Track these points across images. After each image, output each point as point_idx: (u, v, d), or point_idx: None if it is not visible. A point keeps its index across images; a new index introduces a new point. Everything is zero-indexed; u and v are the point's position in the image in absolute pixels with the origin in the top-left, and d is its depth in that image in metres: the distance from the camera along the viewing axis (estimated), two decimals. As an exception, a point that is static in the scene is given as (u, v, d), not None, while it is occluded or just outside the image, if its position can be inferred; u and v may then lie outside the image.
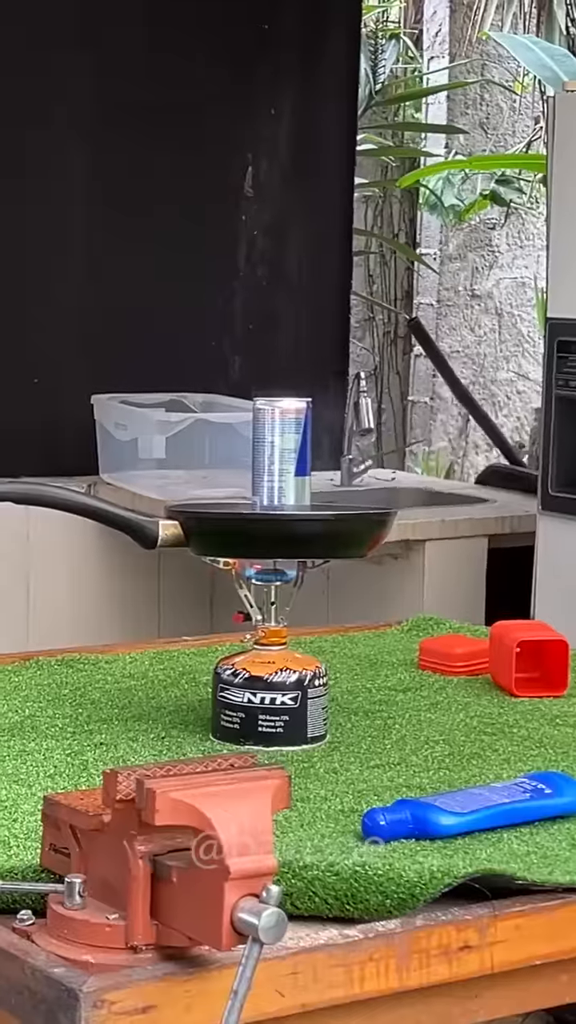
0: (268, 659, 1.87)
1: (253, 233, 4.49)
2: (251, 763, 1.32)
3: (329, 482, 4.14)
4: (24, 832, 1.53)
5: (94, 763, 1.76)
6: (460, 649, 2.23)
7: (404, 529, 3.58)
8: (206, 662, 2.17)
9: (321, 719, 1.87)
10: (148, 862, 1.27)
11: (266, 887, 1.20)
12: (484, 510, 3.89)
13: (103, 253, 4.24)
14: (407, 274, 7.64)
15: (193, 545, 1.89)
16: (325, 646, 2.35)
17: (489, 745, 1.86)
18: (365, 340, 7.39)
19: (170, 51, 4.29)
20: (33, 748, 1.82)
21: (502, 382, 7.63)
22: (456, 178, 7.27)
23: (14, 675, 2.17)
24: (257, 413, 1.94)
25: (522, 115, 7.72)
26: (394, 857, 1.44)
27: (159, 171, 4.30)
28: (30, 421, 4.14)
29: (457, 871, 1.40)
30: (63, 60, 4.14)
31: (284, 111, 4.52)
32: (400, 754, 1.82)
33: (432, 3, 7.80)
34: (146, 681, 2.15)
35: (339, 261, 4.72)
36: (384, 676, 2.19)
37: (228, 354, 4.46)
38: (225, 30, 4.39)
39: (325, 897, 1.38)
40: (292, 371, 4.45)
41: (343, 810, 1.59)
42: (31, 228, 4.14)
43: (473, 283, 7.65)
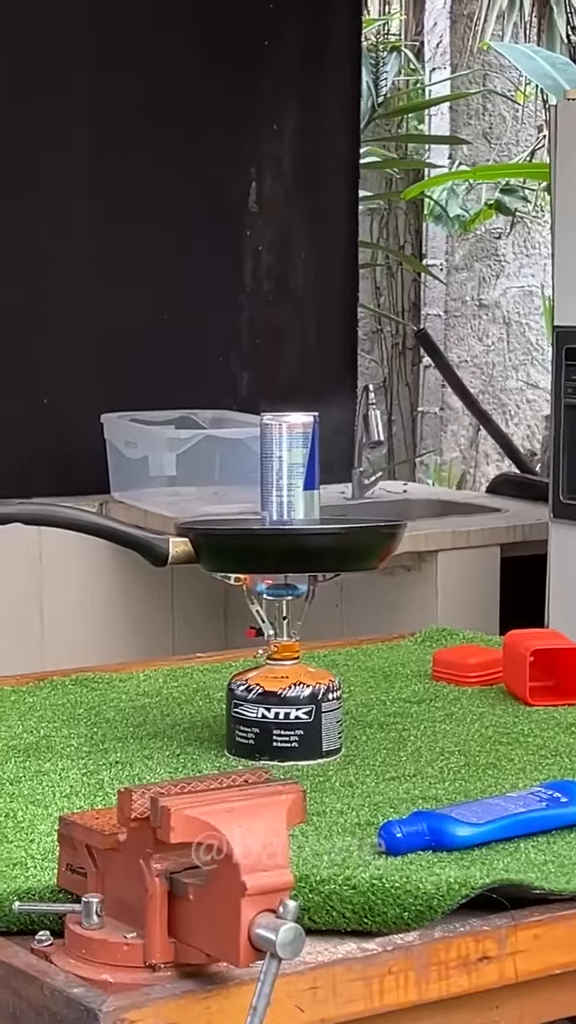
0: (281, 674, 1.87)
1: (258, 248, 4.49)
2: (265, 778, 1.32)
3: (340, 495, 4.14)
4: (41, 853, 1.53)
5: (110, 782, 1.76)
6: (474, 659, 2.22)
7: (416, 540, 3.58)
8: (220, 678, 2.17)
9: (336, 732, 1.87)
10: (164, 880, 1.27)
11: (283, 902, 1.20)
12: (496, 519, 3.88)
13: (108, 271, 4.24)
14: (414, 286, 7.64)
15: (203, 562, 1.90)
16: (338, 659, 2.35)
17: (504, 755, 1.86)
18: (373, 352, 7.39)
19: (171, 68, 4.30)
20: (49, 768, 1.82)
21: (511, 391, 7.63)
22: (460, 188, 7.27)
23: (29, 695, 2.17)
24: (264, 428, 1.94)
25: (525, 124, 7.73)
26: (411, 869, 1.43)
27: (162, 189, 4.30)
28: (41, 442, 4.15)
29: (474, 882, 1.39)
30: (63, 79, 4.15)
31: (286, 126, 4.53)
32: (416, 766, 1.82)
33: (433, 15, 7.81)
34: (160, 699, 2.15)
35: (345, 274, 4.72)
36: (398, 688, 2.19)
37: (236, 370, 4.47)
38: (226, 47, 4.40)
39: (343, 911, 1.38)
40: (301, 385, 4.45)
41: (359, 823, 1.59)
42: (36, 248, 4.15)
43: (480, 293, 7.65)
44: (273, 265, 4.52)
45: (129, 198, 4.26)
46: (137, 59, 4.27)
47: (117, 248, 4.26)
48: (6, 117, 4.08)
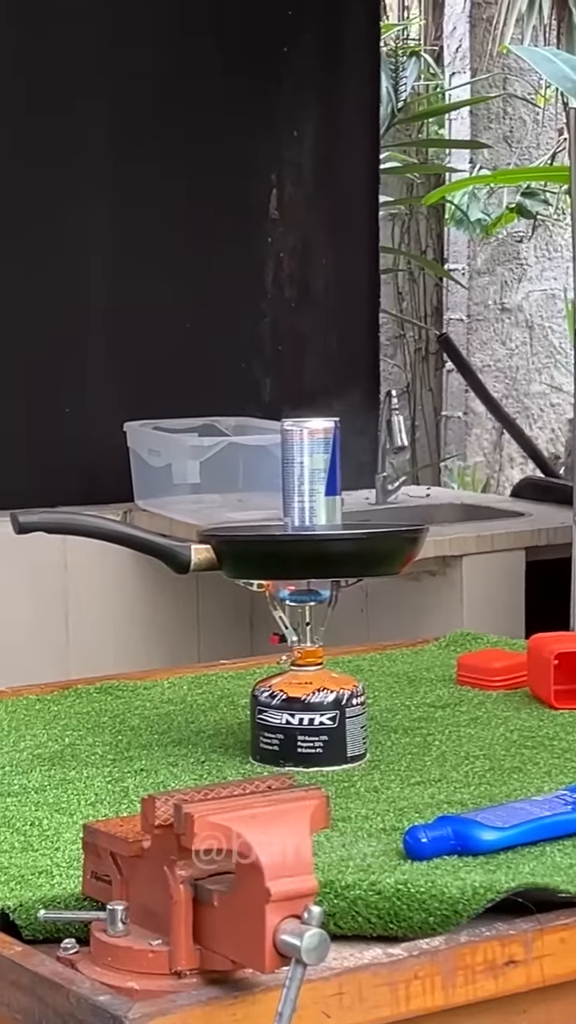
0: (305, 679, 1.87)
1: (279, 255, 4.50)
2: (289, 784, 1.32)
3: (364, 500, 4.14)
4: (66, 861, 1.53)
5: (135, 789, 1.76)
6: (498, 663, 2.22)
7: (441, 545, 3.58)
8: (244, 685, 2.17)
9: (360, 738, 1.87)
10: (189, 886, 1.26)
11: (308, 908, 1.20)
12: (520, 523, 3.88)
13: (130, 279, 4.25)
14: (436, 290, 7.64)
15: (226, 568, 1.90)
16: (363, 665, 2.35)
17: (530, 758, 1.86)
18: (396, 357, 7.39)
19: (190, 75, 4.31)
20: (74, 776, 1.82)
21: (535, 395, 7.62)
22: (481, 193, 7.27)
23: (53, 704, 2.17)
24: (285, 434, 1.94)
25: (545, 127, 7.72)
26: (436, 874, 1.43)
27: (183, 196, 4.31)
28: (64, 451, 4.16)
29: (500, 886, 1.39)
30: (83, 89, 4.16)
31: (306, 132, 4.53)
32: (441, 770, 1.82)
33: (452, 19, 7.81)
34: (185, 706, 2.15)
35: (367, 280, 4.72)
36: (423, 693, 2.19)
37: (259, 376, 4.47)
38: (245, 53, 4.41)
39: (368, 916, 1.38)
40: (323, 391, 4.45)
41: (384, 828, 1.59)
42: (57, 258, 4.16)
43: (503, 297, 7.64)
44: (295, 271, 4.52)
45: (150, 205, 4.27)
46: (156, 66, 4.28)
47: (139, 256, 4.27)
48: (28, 128, 4.10)
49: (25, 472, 4.03)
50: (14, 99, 4.09)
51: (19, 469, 4.04)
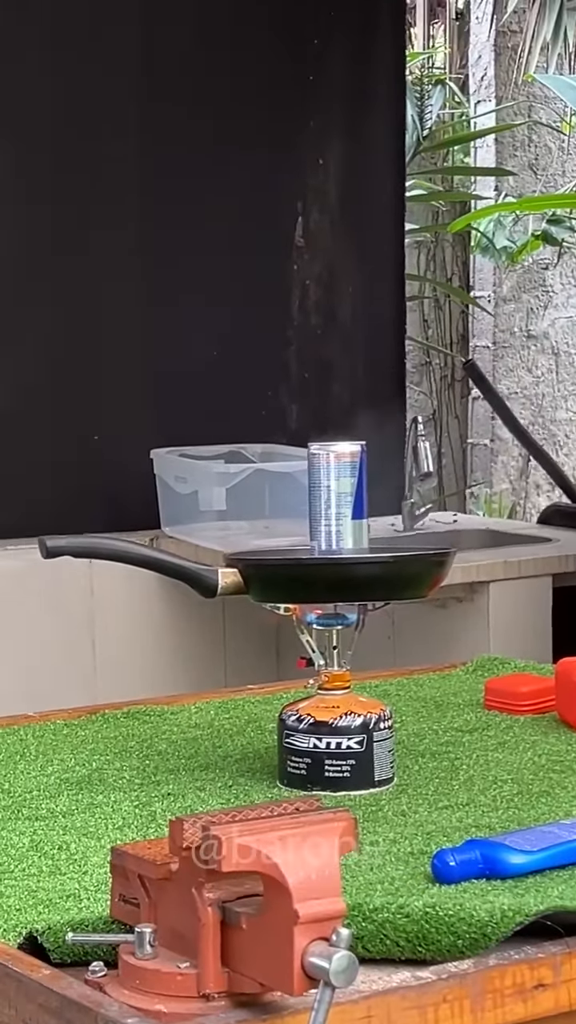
0: (332, 704, 1.87)
1: (305, 282, 4.51)
2: (316, 806, 1.32)
3: (391, 527, 4.14)
4: (94, 884, 1.53)
5: (162, 814, 1.76)
6: (526, 688, 2.22)
7: (468, 571, 3.57)
8: (271, 709, 2.17)
9: (388, 762, 1.87)
10: (217, 909, 1.26)
11: (336, 930, 1.20)
12: (547, 549, 3.87)
13: (157, 307, 4.27)
14: (462, 317, 7.65)
15: (253, 592, 1.90)
16: (390, 689, 2.35)
17: (558, 782, 1.85)
18: (422, 385, 7.40)
19: (217, 102, 4.33)
20: (101, 801, 1.83)
21: (561, 421, 7.61)
22: (507, 220, 7.28)
23: (81, 729, 2.18)
24: (312, 458, 1.94)
25: (571, 155, 7.73)
26: (465, 897, 1.43)
27: (210, 224, 4.33)
28: (91, 478, 4.17)
29: (529, 909, 1.39)
30: (110, 115, 4.18)
31: (332, 160, 4.55)
32: (468, 794, 1.81)
33: (477, 48, 7.84)
34: (212, 730, 2.15)
35: (392, 307, 4.73)
36: (450, 717, 2.18)
37: (285, 403, 4.48)
38: (271, 81, 4.43)
39: (396, 939, 1.37)
40: (350, 418, 4.45)
41: (412, 852, 1.59)
42: (85, 285, 4.17)
43: (528, 324, 7.65)
44: (321, 298, 4.53)
45: (178, 233, 4.29)
46: (184, 94, 4.30)
47: (166, 284, 4.28)
48: (58, 155, 4.12)
49: (52, 499, 4.04)
50: (45, 128, 4.11)
51: (47, 496, 4.05)
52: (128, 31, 4.22)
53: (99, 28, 4.16)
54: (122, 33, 4.21)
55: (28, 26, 4.07)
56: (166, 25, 4.28)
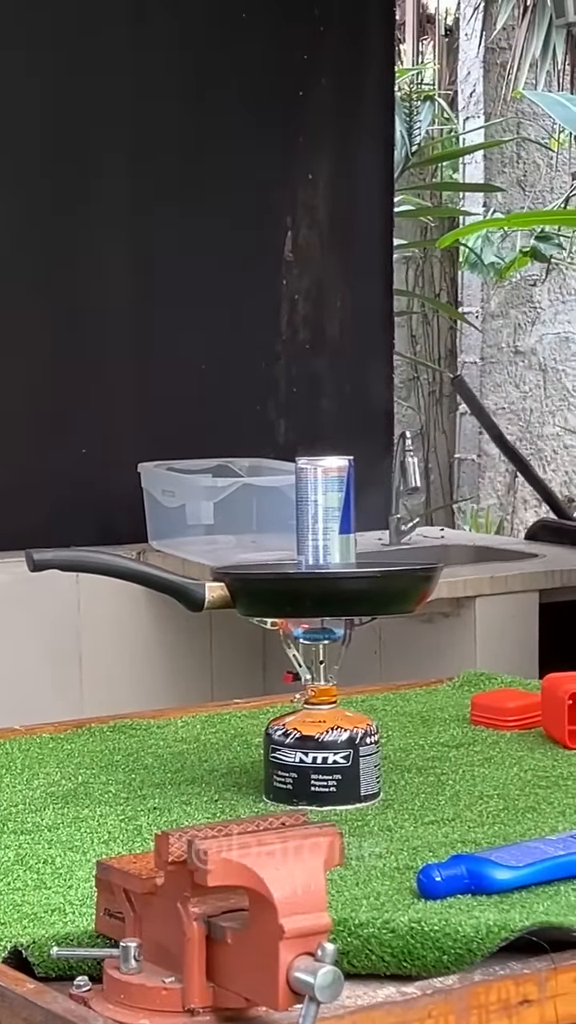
0: (319, 718, 1.87)
1: (294, 297, 4.51)
2: (302, 821, 1.32)
3: (378, 541, 4.14)
4: (79, 899, 1.53)
5: (148, 828, 1.76)
6: (512, 703, 2.22)
7: (454, 586, 3.57)
8: (258, 724, 2.17)
9: (374, 777, 1.87)
10: (202, 923, 1.26)
11: (321, 945, 1.20)
12: (534, 565, 3.87)
13: (145, 321, 4.27)
14: (450, 333, 7.66)
15: (240, 606, 1.90)
16: (376, 704, 2.35)
17: (544, 798, 1.85)
18: (410, 400, 7.41)
19: (206, 118, 4.33)
20: (87, 815, 1.82)
21: (548, 437, 7.62)
22: (495, 236, 7.29)
23: (67, 742, 2.17)
24: (299, 472, 1.94)
25: (559, 171, 7.75)
26: (450, 913, 1.43)
27: (199, 239, 4.33)
28: (79, 491, 4.16)
29: (514, 925, 1.39)
30: (100, 129, 4.18)
31: (321, 176, 4.55)
32: (454, 810, 1.81)
33: (466, 64, 7.86)
34: (198, 745, 2.15)
35: (381, 322, 4.73)
36: (436, 732, 2.19)
37: (273, 418, 4.48)
38: (261, 97, 4.43)
39: (381, 954, 1.37)
40: (337, 433, 4.46)
41: (398, 867, 1.59)
42: (74, 299, 4.17)
43: (516, 340, 7.66)
44: (309, 313, 4.54)
45: (165, 249, 4.29)
46: (173, 108, 4.30)
47: (154, 298, 4.28)
48: (48, 175, 4.12)
49: (40, 512, 4.04)
50: (36, 149, 4.11)
51: (34, 509, 4.05)
52: (119, 45, 4.22)
53: (90, 44, 4.17)
54: (114, 46, 4.21)
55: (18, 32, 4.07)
56: (157, 41, 4.28)
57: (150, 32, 4.28)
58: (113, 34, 4.21)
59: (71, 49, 4.14)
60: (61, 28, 4.12)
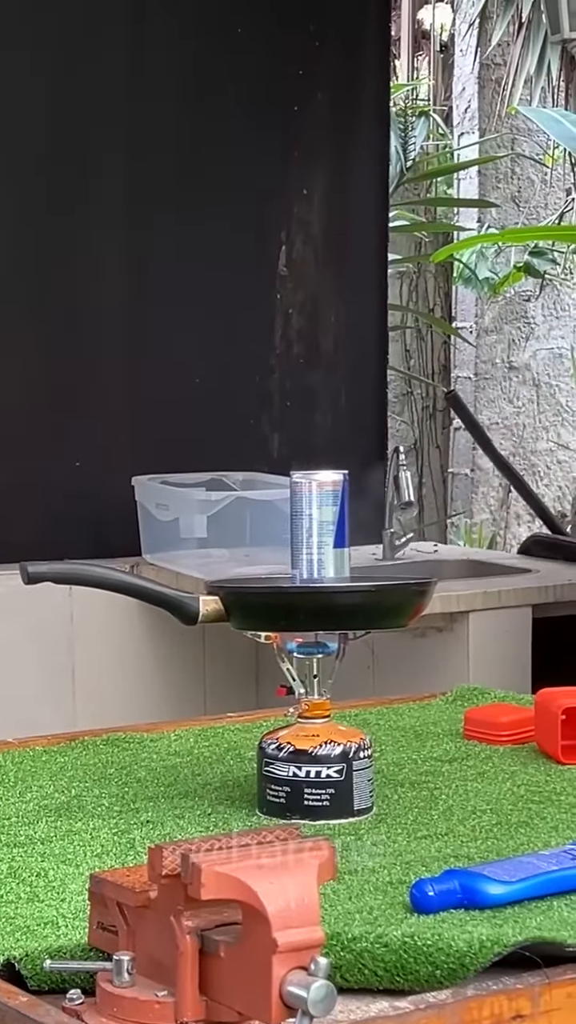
0: (312, 732, 1.87)
1: (288, 311, 4.52)
2: (296, 835, 1.32)
3: (371, 556, 4.14)
4: (72, 912, 1.52)
5: (141, 841, 1.76)
6: (505, 718, 2.22)
7: (447, 601, 3.57)
8: (251, 738, 2.17)
9: (367, 791, 1.87)
10: (195, 937, 1.26)
11: (314, 959, 1.20)
12: (527, 580, 3.87)
13: (140, 335, 4.27)
14: (444, 348, 7.66)
15: (234, 620, 1.90)
16: (370, 718, 2.35)
17: (537, 813, 1.85)
18: (404, 414, 7.41)
19: (202, 132, 4.34)
20: (80, 828, 1.82)
21: (542, 452, 7.63)
22: (489, 251, 7.30)
23: (60, 755, 2.17)
24: (294, 486, 1.95)
25: (553, 187, 7.76)
26: (443, 927, 1.43)
27: (194, 253, 4.34)
28: (73, 504, 4.16)
29: (507, 939, 1.38)
30: (96, 144, 4.19)
31: (316, 190, 4.56)
32: (447, 824, 1.81)
33: (461, 80, 7.87)
34: (191, 758, 2.15)
35: (375, 337, 4.74)
36: (429, 747, 2.19)
37: (267, 432, 4.49)
38: (256, 111, 4.44)
39: (375, 969, 1.37)
40: (331, 447, 4.46)
41: (391, 882, 1.58)
42: (68, 312, 4.18)
43: (510, 355, 7.67)
44: (304, 328, 4.54)
45: (161, 261, 4.30)
46: (169, 121, 4.31)
47: (149, 311, 4.29)
48: (43, 186, 4.13)
49: (34, 525, 4.04)
50: (33, 160, 4.12)
51: (28, 522, 4.05)
52: (116, 56, 4.23)
53: (85, 57, 4.18)
54: (110, 58, 4.22)
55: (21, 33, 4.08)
56: (153, 52, 4.29)
57: (146, 44, 4.28)
58: (111, 41, 4.21)
59: (68, 62, 4.14)
60: (63, 30, 4.12)
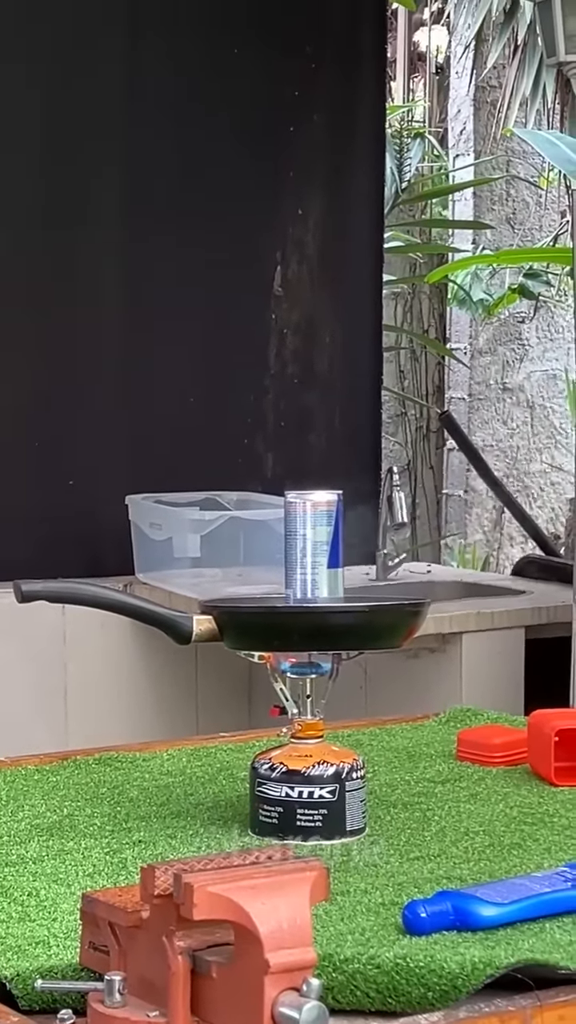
0: (305, 752, 1.87)
1: (283, 331, 4.52)
2: (289, 856, 1.31)
3: (365, 576, 4.14)
4: (64, 931, 1.52)
5: (133, 861, 1.75)
6: (498, 739, 2.22)
7: (441, 622, 3.57)
8: (243, 758, 2.17)
9: (360, 812, 1.86)
10: (187, 957, 1.26)
11: (306, 980, 1.19)
12: (520, 601, 3.87)
13: (135, 354, 4.28)
14: (438, 369, 7.68)
15: (227, 639, 1.90)
16: (363, 739, 2.35)
17: (530, 835, 1.85)
18: (398, 435, 7.42)
19: (198, 152, 4.35)
20: (72, 847, 1.82)
21: (535, 474, 7.64)
22: (484, 273, 7.32)
23: (52, 775, 2.17)
24: (288, 506, 1.95)
25: (548, 209, 7.78)
26: (435, 949, 1.42)
27: (189, 272, 4.34)
28: (66, 523, 4.16)
29: (499, 961, 1.38)
30: (92, 164, 4.20)
31: (312, 211, 4.57)
32: (440, 846, 1.81)
33: (456, 102, 7.90)
34: (184, 778, 2.15)
35: (369, 357, 4.74)
36: (422, 768, 2.18)
37: (261, 451, 4.49)
38: (252, 133, 4.45)
39: (367, 990, 1.37)
40: (325, 467, 4.46)
41: (383, 903, 1.58)
42: (62, 332, 4.18)
43: (504, 376, 7.68)
44: (298, 348, 4.55)
45: (156, 282, 4.30)
46: (165, 142, 4.32)
47: (143, 331, 4.29)
48: (41, 204, 4.13)
49: (27, 544, 4.04)
50: (31, 175, 4.12)
51: (22, 541, 4.05)
52: (112, 77, 4.24)
53: (81, 77, 4.18)
54: (106, 78, 4.23)
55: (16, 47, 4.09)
56: (149, 72, 4.30)
57: (142, 65, 4.29)
58: (109, 55, 4.22)
59: (64, 82, 4.15)
60: (58, 49, 4.13)
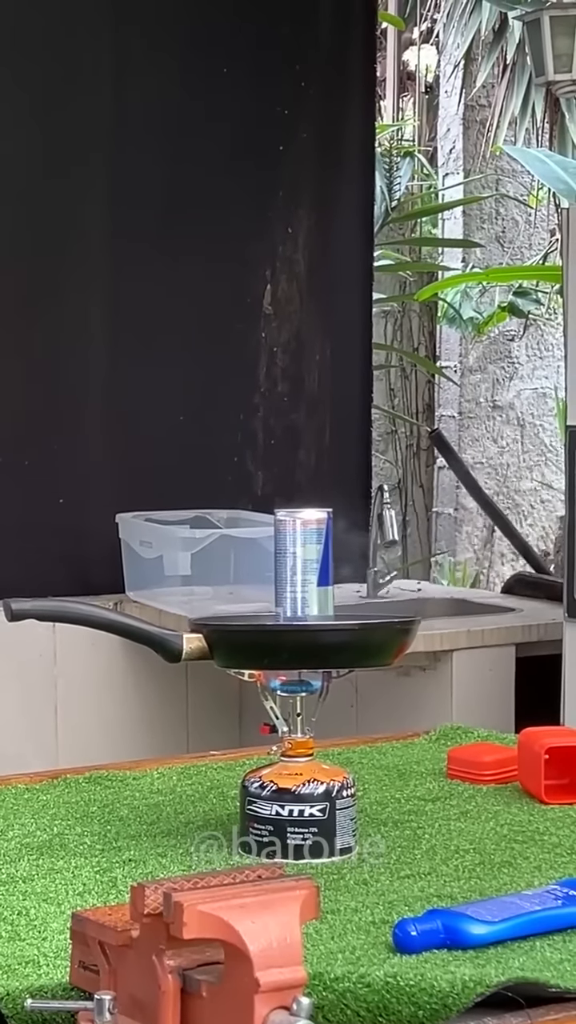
0: (295, 771, 1.87)
1: (273, 350, 4.53)
2: (279, 874, 1.31)
3: (355, 594, 4.14)
4: (54, 951, 1.52)
5: (123, 880, 1.75)
6: (488, 757, 2.22)
7: (431, 640, 3.57)
8: (234, 776, 2.17)
9: (350, 830, 1.86)
10: (177, 976, 1.26)
11: (296, 999, 1.19)
12: (511, 619, 3.88)
13: (124, 372, 4.28)
14: (428, 387, 7.68)
15: (217, 658, 1.90)
16: (353, 757, 2.35)
17: (520, 853, 1.85)
18: (388, 453, 7.42)
19: (187, 171, 4.35)
20: (62, 866, 1.81)
21: (526, 492, 7.65)
22: (474, 291, 7.33)
23: (42, 793, 2.16)
24: (278, 524, 1.95)
25: (538, 228, 7.80)
26: (426, 967, 1.42)
27: (178, 290, 4.34)
28: (56, 542, 4.16)
29: (490, 980, 1.38)
30: (80, 180, 4.20)
31: (301, 229, 4.58)
32: (430, 864, 1.81)
33: (446, 121, 7.92)
34: (174, 796, 2.15)
35: (359, 376, 4.75)
36: (413, 786, 2.18)
37: (251, 470, 4.49)
38: (241, 151, 4.46)
39: (357, 1009, 1.37)
40: (315, 485, 4.47)
41: (374, 921, 1.58)
42: (52, 350, 4.18)
43: (494, 394, 7.69)
44: (288, 366, 4.55)
45: (145, 300, 4.30)
46: (154, 162, 4.32)
47: (133, 349, 4.29)
48: (27, 224, 4.13)
49: (17, 562, 4.03)
50: (16, 198, 4.13)
51: (12, 559, 4.04)
52: (101, 95, 4.25)
53: (69, 95, 4.19)
54: (93, 97, 4.23)
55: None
56: (138, 91, 4.31)
57: (131, 84, 4.30)
58: (94, 75, 4.22)
59: (54, 94, 4.16)
60: (47, 68, 4.14)
